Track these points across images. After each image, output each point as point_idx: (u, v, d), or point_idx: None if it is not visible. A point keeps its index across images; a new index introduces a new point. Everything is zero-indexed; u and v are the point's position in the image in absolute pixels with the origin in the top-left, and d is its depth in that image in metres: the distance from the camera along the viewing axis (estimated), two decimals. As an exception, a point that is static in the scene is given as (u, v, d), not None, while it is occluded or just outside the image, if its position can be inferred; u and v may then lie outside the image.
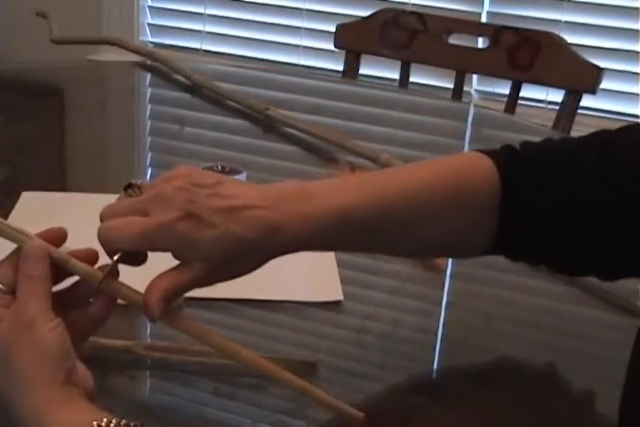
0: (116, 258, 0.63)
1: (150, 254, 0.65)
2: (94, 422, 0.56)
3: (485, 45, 1.62)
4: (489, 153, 0.74)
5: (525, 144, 0.75)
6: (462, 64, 1.63)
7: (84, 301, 0.64)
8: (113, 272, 0.64)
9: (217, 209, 0.62)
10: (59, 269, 0.63)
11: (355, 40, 1.69)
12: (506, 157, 0.73)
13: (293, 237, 0.64)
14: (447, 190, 0.71)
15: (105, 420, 0.56)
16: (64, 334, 0.59)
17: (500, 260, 0.95)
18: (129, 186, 0.67)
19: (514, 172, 0.72)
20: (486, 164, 0.72)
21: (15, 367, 0.58)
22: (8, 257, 0.63)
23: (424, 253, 0.77)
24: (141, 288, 0.63)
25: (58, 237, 0.65)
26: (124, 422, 0.57)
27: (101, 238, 0.64)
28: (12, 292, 0.61)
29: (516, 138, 1.36)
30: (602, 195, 0.70)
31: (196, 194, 0.63)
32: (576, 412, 0.75)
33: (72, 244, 0.92)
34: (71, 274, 0.64)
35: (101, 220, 0.65)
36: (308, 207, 0.65)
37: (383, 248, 0.74)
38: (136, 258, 0.65)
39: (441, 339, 0.84)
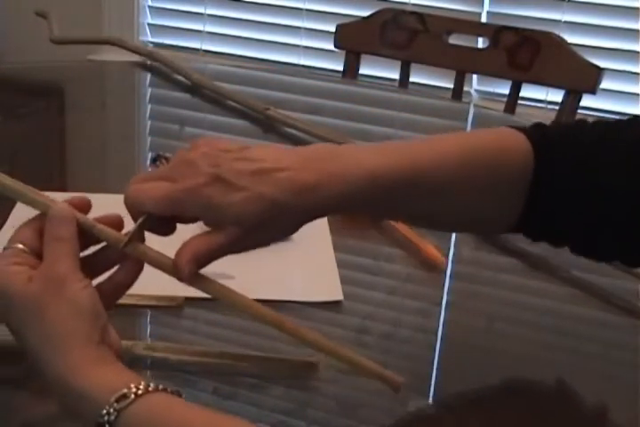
0: (141, 220, 0.62)
1: (179, 227, 0.64)
2: (132, 384, 0.55)
3: (485, 45, 1.62)
4: (523, 131, 0.72)
5: (558, 125, 0.74)
6: (462, 64, 1.63)
7: (109, 267, 0.64)
8: (138, 235, 0.63)
9: (245, 172, 0.61)
10: (84, 236, 0.62)
11: (355, 40, 1.69)
12: (539, 137, 0.72)
13: (325, 197, 0.63)
14: (481, 164, 0.69)
15: (143, 383, 0.56)
16: (95, 293, 0.59)
17: (501, 260, 0.96)
18: (157, 157, 0.66)
19: (547, 152, 0.71)
20: (522, 141, 0.71)
21: (48, 326, 0.57)
22: (31, 221, 0.62)
23: (451, 225, 0.76)
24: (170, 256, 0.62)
25: (82, 204, 0.65)
26: (161, 386, 0.56)
27: (127, 201, 0.63)
28: (36, 254, 0.60)
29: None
30: (624, 177, 0.69)
31: (222, 158, 0.62)
32: (576, 412, 0.75)
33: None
34: (97, 241, 0.63)
35: (129, 186, 0.64)
36: (338, 167, 0.63)
37: (411, 215, 0.72)
38: (163, 226, 0.64)
39: (441, 339, 0.84)
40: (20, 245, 0.61)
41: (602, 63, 1.53)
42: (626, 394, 0.75)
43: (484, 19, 2.23)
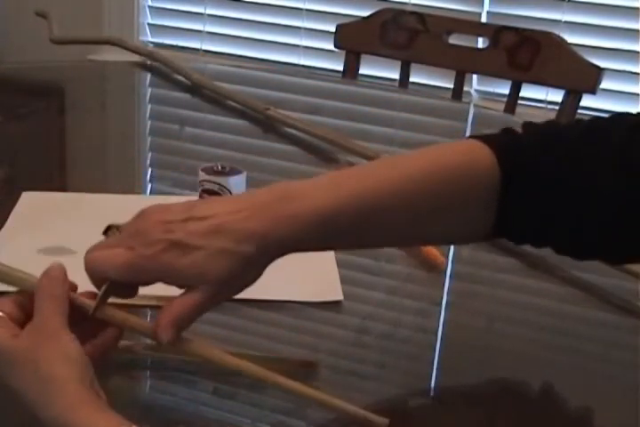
0: (104, 287, 0.63)
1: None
2: None
3: (485, 45, 1.62)
4: (487, 139, 0.72)
5: (528, 125, 0.74)
6: (462, 64, 1.63)
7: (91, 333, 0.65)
8: (103, 300, 0.64)
9: (197, 232, 0.63)
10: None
11: (355, 40, 1.69)
12: (505, 143, 0.72)
13: (282, 241, 0.64)
14: (445, 182, 0.69)
15: None
16: (81, 347, 0.60)
17: (501, 260, 0.96)
18: (108, 228, 0.68)
19: (513, 158, 0.71)
20: (485, 152, 0.71)
21: (43, 370, 0.58)
22: (10, 296, 0.64)
23: (423, 242, 0.77)
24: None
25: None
26: None
27: (88, 268, 0.64)
28: (16, 323, 0.62)
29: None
30: (610, 177, 0.69)
31: (173, 223, 0.63)
32: (576, 412, 0.75)
33: (72, 243, 0.92)
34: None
35: (87, 254, 0.66)
36: (291, 210, 0.64)
37: (381, 241, 0.73)
38: (125, 290, 0.65)
39: (441, 339, 0.84)
40: (1, 313, 0.62)
41: (602, 63, 1.53)
42: (626, 394, 0.75)
43: (484, 19, 2.23)
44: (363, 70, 1.71)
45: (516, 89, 1.60)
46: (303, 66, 2.42)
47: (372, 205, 0.67)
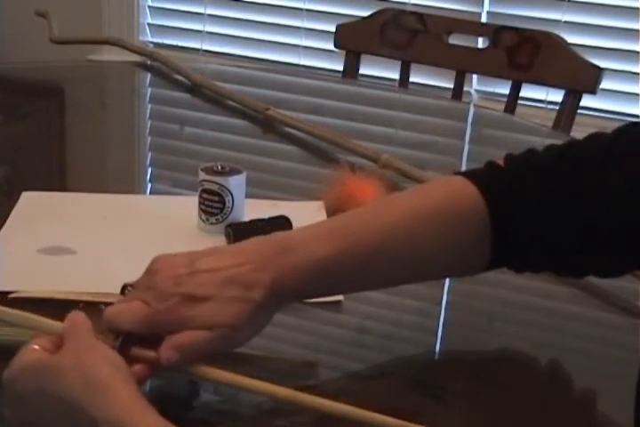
0: (120, 340, 0.65)
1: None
2: None
3: (485, 45, 1.62)
4: (471, 176, 0.75)
5: (508, 158, 0.76)
6: (462, 64, 1.63)
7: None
8: (122, 349, 0.65)
9: (207, 284, 0.66)
10: None
11: (355, 40, 1.69)
12: (489, 179, 0.74)
13: (288, 290, 0.67)
14: (434, 224, 0.72)
15: None
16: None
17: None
18: (124, 288, 0.71)
19: (499, 193, 0.73)
20: (470, 191, 0.73)
21: (91, 374, 0.59)
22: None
23: (422, 279, 0.79)
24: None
25: None
26: None
27: (106, 321, 0.66)
28: None
29: (515, 138, 1.37)
30: (594, 196, 0.71)
31: (181, 276, 0.66)
32: (576, 412, 0.75)
33: (72, 243, 0.92)
34: None
35: (106, 310, 0.67)
36: (293, 262, 0.68)
37: (382, 285, 0.77)
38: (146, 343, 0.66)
39: (441, 339, 0.84)
40: (36, 346, 0.64)
41: (602, 63, 1.53)
42: (626, 394, 0.75)
43: (484, 19, 2.23)
44: (363, 70, 1.71)
45: (515, 89, 1.60)
46: (303, 66, 2.42)
47: (370, 252, 0.70)
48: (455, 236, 0.73)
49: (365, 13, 1.70)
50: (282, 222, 0.92)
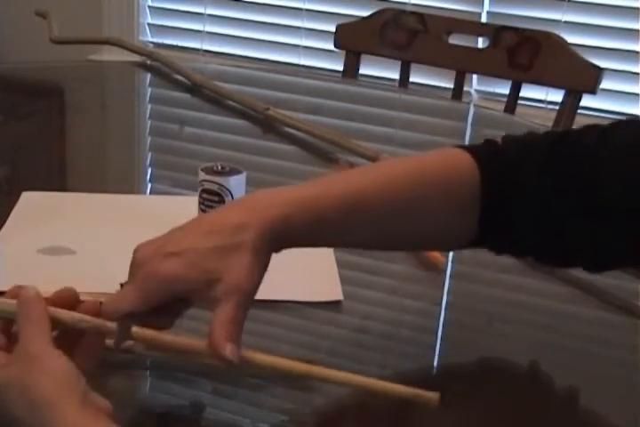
0: (119, 323, 0.63)
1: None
2: None
3: (485, 45, 1.62)
4: (469, 148, 0.74)
5: (507, 138, 0.76)
6: (462, 64, 1.63)
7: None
8: (124, 335, 0.64)
9: (188, 236, 0.64)
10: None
11: (355, 40, 1.69)
12: (486, 153, 0.74)
13: (279, 229, 0.64)
14: (428, 185, 0.72)
15: None
16: (68, 361, 0.60)
17: (500, 260, 0.95)
18: (122, 286, 0.70)
19: (494, 167, 0.73)
20: (466, 159, 0.73)
21: (36, 395, 0.58)
22: None
23: (408, 245, 0.78)
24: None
25: (70, 297, 0.66)
26: None
27: (104, 311, 0.64)
28: (5, 350, 0.62)
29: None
30: (587, 185, 0.71)
31: (160, 247, 0.64)
32: (576, 412, 0.75)
33: (72, 243, 0.92)
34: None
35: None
36: (275, 202, 0.65)
37: (360, 240, 0.73)
38: (150, 319, 0.64)
39: (441, 339, 0.84)
40: None
41: (602, 63, 1.53)
42: (626, 394, 0.75)
43: (484, 19, 2.23)
44: (363, 70, 1.71)
45: (515, 89, 1.60)
46: (303, 66, 2.42)
47: (354, 202, 0.68)
48: (443, 198, 0.72)
49: (365, 13, 1.70)
50: (282, 222, 0.92)
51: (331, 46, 1.74)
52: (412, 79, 1.68)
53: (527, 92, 1.74)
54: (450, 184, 0.72)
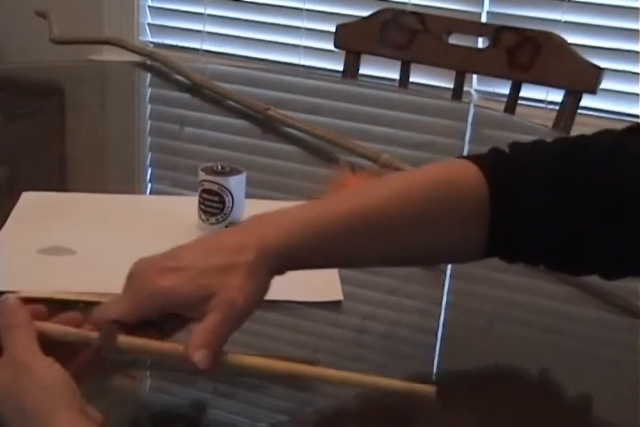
0: (104, 328, 0.62)
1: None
2: None
3: (485, 45, 1.62)
4: (475, 158, 0.74)
5: (514, 145, 0.75)
6: (462, 64, 1.63)
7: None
8: (109, 341, 0.63)
9: (191, 254, 0.64)
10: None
11: (355, 40, 1.69)
12: (493, 162, 0.73)
13: (278, 252, 0.65)
14: (428, 199, 0.71)
15: None
16: (61, 369, 0.59)
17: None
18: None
19: (502, 177, 0.72)
20: (472, 171, 0.72)
21: (27, 404, 0.57)
22: None
23: (411, 261, 0.77)
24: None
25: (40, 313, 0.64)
26: None
27: (94, 318, 0.64)
28: None
29: (515, 138, 1.36)
30: (604, 191, 0.70)
31: (160, 260, 0.64)
32: (576, 412, 0.75)
33: (72, 243, 0.92)
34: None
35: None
36: (274, 226, 0.65)
37: (365, 260, 0.73)
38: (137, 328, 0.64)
39: (441, 339, 0.84)
40: None
41: (602, 63, 1.53)
42: (626, 394, 0.75)
43: (484, 19, 2.23)
44: (363, 70, 1.71)
45: (515, 89, 1.60)
46: (303, 66, 2.42)
47: (358, 223, 0.68)
48: (449, 213, 0.71)
49: (365, 13, 1.70)
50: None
51: (331, 46, 1.74)
52: (412, 79, 1.68)
53: (527, 92, 1.74)
54: (457, 197, 0.72)
